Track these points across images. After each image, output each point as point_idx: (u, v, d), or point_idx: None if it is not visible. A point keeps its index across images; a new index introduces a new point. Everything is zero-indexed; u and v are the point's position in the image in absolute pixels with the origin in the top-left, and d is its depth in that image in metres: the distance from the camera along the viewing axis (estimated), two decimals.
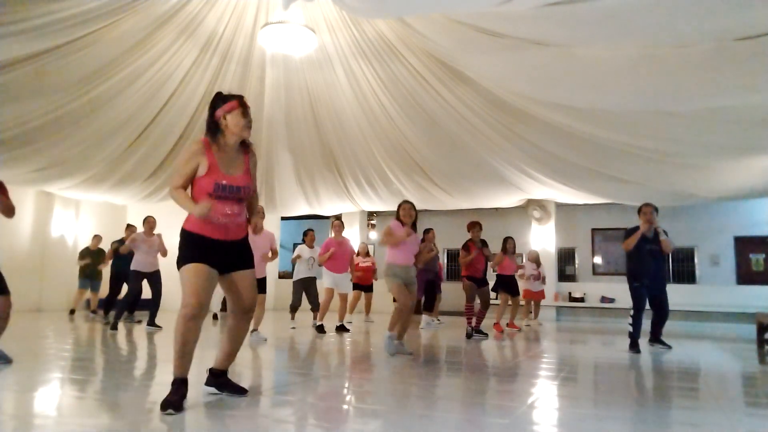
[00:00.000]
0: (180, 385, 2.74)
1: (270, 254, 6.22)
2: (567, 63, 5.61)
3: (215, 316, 9.69)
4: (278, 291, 13.84)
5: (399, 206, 5.51)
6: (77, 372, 3.97)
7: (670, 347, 6.03)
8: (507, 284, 8.27)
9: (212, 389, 3.10)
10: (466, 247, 7.13)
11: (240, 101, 2.96)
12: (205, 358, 3.19)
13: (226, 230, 2.91)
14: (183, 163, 2.88)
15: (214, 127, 2.92)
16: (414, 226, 5.43)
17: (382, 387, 3.73)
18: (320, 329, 7.25)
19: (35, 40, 6.08)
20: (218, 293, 6.70)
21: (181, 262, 2.86)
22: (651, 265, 5.91)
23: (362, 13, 5.72)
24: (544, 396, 3.41)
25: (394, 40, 7.25)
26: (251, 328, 6.33)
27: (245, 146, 3.05)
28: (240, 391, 3.10)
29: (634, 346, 5.75)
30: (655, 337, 6.17)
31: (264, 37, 6.75)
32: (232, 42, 7.74)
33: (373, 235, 14.95)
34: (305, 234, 8.06)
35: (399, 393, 3.47)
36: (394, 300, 5.62)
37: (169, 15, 6.82)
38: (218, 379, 3.11)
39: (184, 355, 2.77)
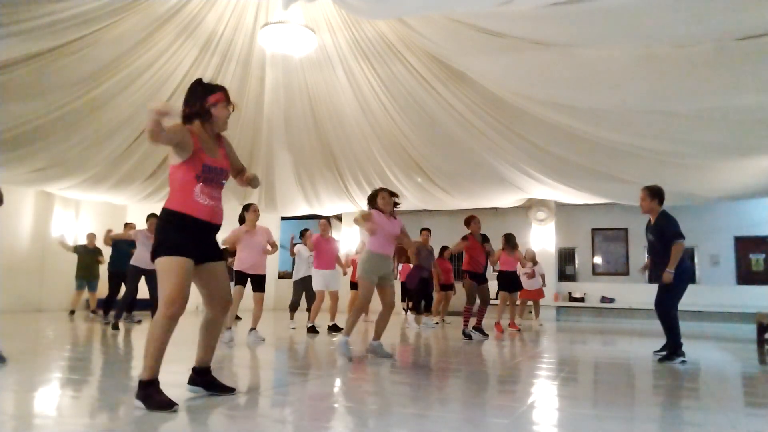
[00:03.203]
0: (158, 384, 2.68)
1: (270, 248, 6.22)
2: (567, 63, 5.61)
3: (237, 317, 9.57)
4: (278, 291, 13.85)
5: (377, 194, 5.09)
6: (77, 372, 3.97)
7: (663, 360, 5.08)
8: (508, 280, 8.26)
9: (198, 388, 3.04)
10: (466, 239, 7.08)
11: (225, 93, 2.98)
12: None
13: (212, 212, 2.88)
14: (174, 127, 2.77)
15: (203, 115, 2.91)
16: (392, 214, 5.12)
17: (381, 387, 3.72)
18: (312, 330, 7.25)
19: (35, 40, 6.08)
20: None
21: (162, 249, 2.72)
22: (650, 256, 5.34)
23: (362, 13, 5.72)
24: (544, 396, 3.41)
25: (394, 40, 7.25)
26: (249, 326, 6.33)
27: (218, 134, 3.08)
28: (227, 390, 3.06)
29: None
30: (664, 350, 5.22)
31: (264, 37, 6.75)
32: (232, 42, 7.74)
33: None
34: (302, 234, 8.09)
35: (398, 393, 3.46)
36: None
37: (169, 15, 6.82)
38: (204, 377, 3.04)
39: (162, 355, 2.70)
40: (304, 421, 2.69)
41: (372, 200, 5.13)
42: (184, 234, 2.78)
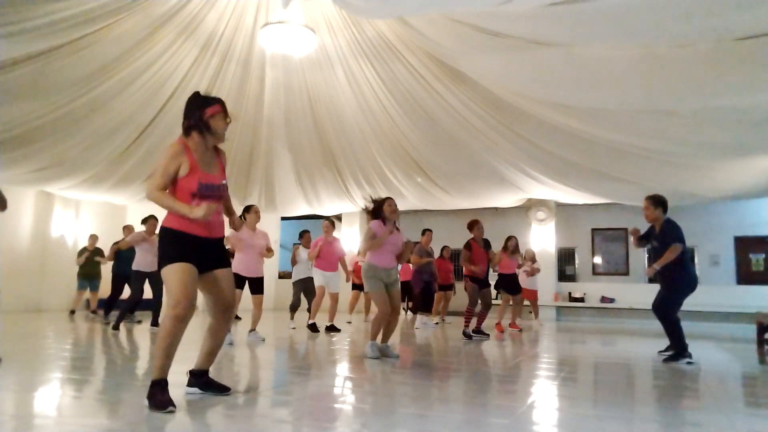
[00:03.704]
0: (166, 385, 2.73)
1: (266, 252, 6.23)
2: (567, 63, 5.60)
3: (236, 317, 9.58)
4: (278, 291, 13.84)
5: (383, 202, 5.06)
6: (77, 372, 3.97)
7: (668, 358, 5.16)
8: (508, 283, 8.27)
9: (195, 390, 3.08)
10: (468, 246, 7.10)
11: (222, 105, 3.00)
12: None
13: (210, 228, 2.94)
14: (166, 162, 2.84)
15: (201, 127, 2.93)
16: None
17: (381, 387, 3.72)
18: (313, 328, 7.26)
19: (35, 40, 6.07)
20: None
21: (164, 262, 2.83)
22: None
23: (363, 12, 5.72)
24: (544, 396, 3.41)
25: (394, 40, 7.25)
26: (249, 327, 6.33)
27: (216, 146, 3.10)
28: (223, 389, 3.08)
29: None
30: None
31: (264, 37, 6.75)
32: (232, 42, 7.74)
33: None
34: (301, 235, 8.08)
35: (398, 393, 3.46)
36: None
37: (169, 15, 6.82)
38: (200, 379, 3.09)
39: (170, 355, 2.77)
40: (304, 421, 2.69)
41: (377, 210, 5.06)
42: (185, 248, 2.85)
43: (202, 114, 2.94)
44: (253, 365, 4.69)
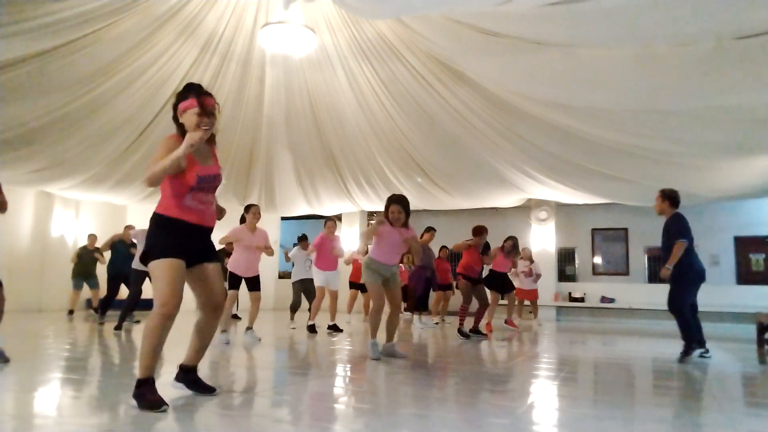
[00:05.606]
0: (153, 384, 2.72)
1: (266, 250, 6.20)
2: (567, 63, 5.61)
3: (236, 316, 9.59)
4: (278, 291, 13.84)
5: (388, 206, 5.00)
6: (77, 372, 3.97)
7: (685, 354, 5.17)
8: (499, 281, 8.25)
9: (181, 385, 3.08)
10: (470, 245, 7.17)
11: (198, 100, 2.86)
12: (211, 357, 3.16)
13: (202, 215, 2.90)
14: (161, 155, 2.75)
15: (176, 123, 2.91)
16: (406, 223, 5.00)
17: (381, 387, 3.72)
18: (311, 329, 7.26)
19: (35, 40, 6.07)
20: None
21: (153, 252, 2.77)
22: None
23: (362, 13, 5.72)
24: (544, 396, 3.41)
25: (394, 40, 7.25)
26: (246, 326, 6.32)
27: (211, 136, 3.02)
28: (209, 390, 3.08)
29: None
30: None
31: (264, 37, 6.76)
32: (232, 42, 7.73)
33: None
34: (300, 240, 8.12)
35: (398, 393, 3.46)
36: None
37: (169, 15, 6.82)
38: (188, 375, 3.09)
39: (157, 354, 2.74)
40: (303, 421, 2.69)
41: (386, 210, 5.05)
42: (175, 237, 2.80)
43: (176, 109, 2.90)
44: (253, 365, 4.69)
